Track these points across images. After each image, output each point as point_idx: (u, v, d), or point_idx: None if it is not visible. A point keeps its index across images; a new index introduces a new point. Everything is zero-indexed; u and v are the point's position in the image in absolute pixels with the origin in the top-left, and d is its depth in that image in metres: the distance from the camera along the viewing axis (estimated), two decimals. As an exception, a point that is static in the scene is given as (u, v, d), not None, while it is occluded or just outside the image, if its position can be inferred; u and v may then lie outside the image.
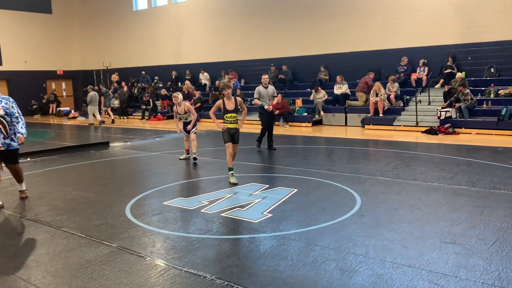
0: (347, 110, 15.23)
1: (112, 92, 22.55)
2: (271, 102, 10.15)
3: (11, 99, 6.17)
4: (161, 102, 20.54)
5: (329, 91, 16.02)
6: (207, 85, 20.50)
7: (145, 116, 19.97)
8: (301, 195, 6.21)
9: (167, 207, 5.81)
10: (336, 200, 5.93)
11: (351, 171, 7.67)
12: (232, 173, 7.03)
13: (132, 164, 9.43)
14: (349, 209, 5.48)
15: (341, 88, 15.66)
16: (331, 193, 6.33)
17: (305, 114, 15.68)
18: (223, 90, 7.02)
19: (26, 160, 9.76)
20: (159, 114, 19.62)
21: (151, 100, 20.19)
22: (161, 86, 21.63)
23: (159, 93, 20.81)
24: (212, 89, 19.88)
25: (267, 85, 10.15)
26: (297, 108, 15.92)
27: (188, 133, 9.02)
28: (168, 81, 21.83)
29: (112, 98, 21.95)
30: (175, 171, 8.33)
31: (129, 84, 22.67)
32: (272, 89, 10.23)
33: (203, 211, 5.58)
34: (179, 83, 21.09)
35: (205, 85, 20.48)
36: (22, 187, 6.58)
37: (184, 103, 8.91)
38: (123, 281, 3.68)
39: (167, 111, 19.99)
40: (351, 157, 9.55)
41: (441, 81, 14.49)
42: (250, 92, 18.13)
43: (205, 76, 20.66)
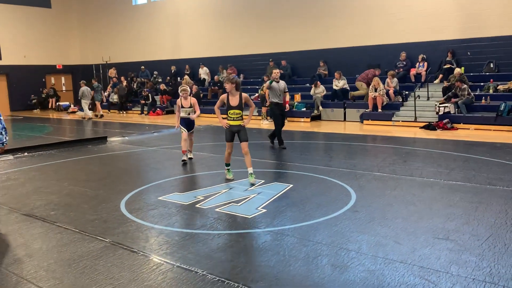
0: (346, 105, 15.19)
1: (111, 87, 22.57)
2: (282, 97, 9.92)
3: None
4: (160, 97, 20.51)
5: (328, 86, 15.98)
6: (206, 80, 20.45)
7: (144, 111, 19.96)
8: (297, 191, 6.21)
9: (162, 202, 5.81)
10: (331, 196, 5.93)
11: (347, 167, 7.66)
12: (228, 169, 6.96)
13: (129, 159, 9.42)
14: (343, 204, 5.47)
15: (339, 84, 15.62)
16: (326, 188, 6.33)
17: (304, 109, 15.63)
18: (224, 84, 6.76)
19: (24, 155, 9.77)
20: (158, 109, 19.61)
21: (150, 95, 20.17)
22: (160, 81, 21.58)
23: (158, 88, 20.77)
24: (211, 84, 19.84)
25: (279, 79, 9.97)
26: (296, 103, 15.88)
27: (189, 131, 8.47)
28: (167, 76, 21.78)
29: (112, 93, 21.97)
30: (172, 166, 8.32)
31: (128, 78, 22.62)
32: (283, 84, 10.03)
33: (197, 206, 5.58)
34: (178, 78, 21.04)
35: (204, 80, 20.43)
36: None
37: (190, 97, 8.58)
38: (115, 276, 3.69)
39: (166, 106, 19.98)
40: (348, 152, 9.53)
41: (440, 76, 14.45)
42: (248, 87, 18.12)
43: (204, 71, 20.60)
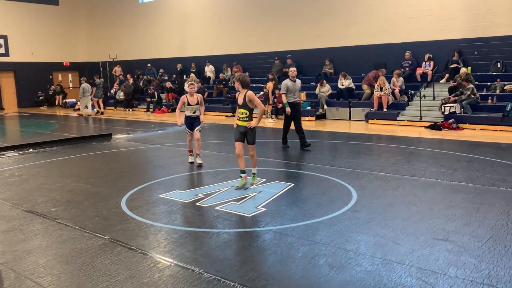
0: (351, 104, 15.13)
1: (117, 84, 22.67)
2: (297, 96, 9.59)
3: None
4: (166, 95, 20.55)
5: (333, 85, 15.92)
6: (211, 78, 20.46)
7: (150, 108, 20.01)
8: (297, 190, 6.20)
9: (162, 200, 5.82)
10: (332, 195, 5.90)
11: (350, 166, 7.62)
12: (241, 176, 6.26)
13: (133, 156, 9.45)
14: (344, 204, 5.45)
15: (345, 83, 15.56)
16: (327, 188, 6.30)
17: (309, 108, 15.58)
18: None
19: (29, 151, 9.83)
20: (163, 107, 19.65)
21: (156, 92, 20.22)
22: (166, 78, 21.64)
23: (164, 85, 20.83)
24: (217, 82, 19.84)
25: (295, 78, 9.62)
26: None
27: (192, 131, 8.09)
28: (173, 74, 21.83)
29: (118, 90, 22.04)
30: (175, 163, 8.33)
31: (135, 76, 22.72)
32: (299, 83, 9.64)
33: (198, 204, 5.58)
34: (184, 76, 21.08)
35: (209, 78, 20.44)
36: None
37: (197, 94, 8.28)
38: (112, 273, 3.70)
39: (172, 103, 20.00)
40: (352, 152, 9.49)
41: (447, 76, 14.33)
42: (254, 85, 18.07)
43: (210, 69, 20.62)
